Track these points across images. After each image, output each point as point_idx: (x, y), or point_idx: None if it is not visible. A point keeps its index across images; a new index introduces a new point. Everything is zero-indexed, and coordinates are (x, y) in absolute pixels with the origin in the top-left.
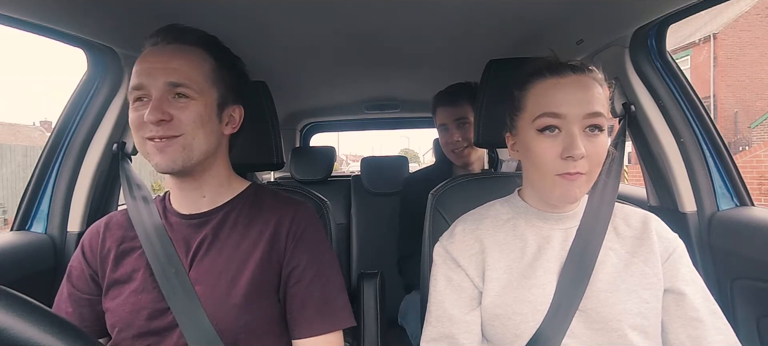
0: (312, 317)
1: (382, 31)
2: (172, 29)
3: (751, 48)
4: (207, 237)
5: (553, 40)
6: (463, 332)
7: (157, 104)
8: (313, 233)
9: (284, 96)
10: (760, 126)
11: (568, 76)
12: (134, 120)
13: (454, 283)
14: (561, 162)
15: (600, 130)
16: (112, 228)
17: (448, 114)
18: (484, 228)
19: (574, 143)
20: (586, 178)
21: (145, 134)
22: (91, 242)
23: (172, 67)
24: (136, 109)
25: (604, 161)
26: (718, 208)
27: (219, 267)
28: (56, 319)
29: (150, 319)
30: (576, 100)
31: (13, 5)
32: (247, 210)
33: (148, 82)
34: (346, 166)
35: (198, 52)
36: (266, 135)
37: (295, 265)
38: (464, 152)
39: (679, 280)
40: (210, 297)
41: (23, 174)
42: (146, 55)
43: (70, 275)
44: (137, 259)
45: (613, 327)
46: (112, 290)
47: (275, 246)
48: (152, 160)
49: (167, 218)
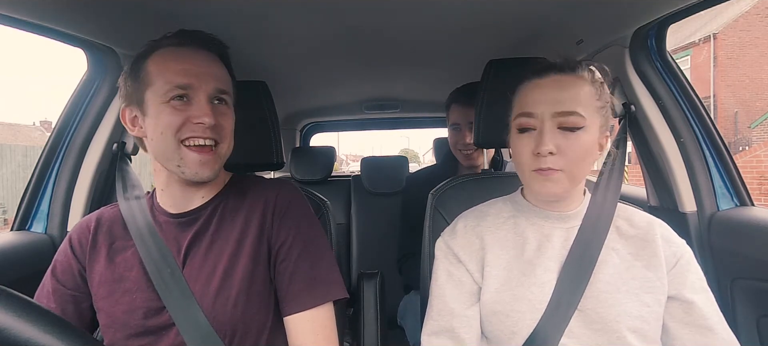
0: (300, 292)
1: (383, 30)
2: (200, 35)
3: (751, 48)
4: (197, 234)
5: (553, 40)
6: (464, 326)
7: (210, 108)
8: (297, 208)
9: (284, 96)
10: (760, 126)
11: (549, 76)
12: (174, 122)
13: (455, 278)
14: (534, 158)
15: (576, 129)
16: (103, 225)
17: (462, 114)
18: (485, 225)
19: (541, 140)
20: (565, 175)
21: (185, 136)
22: (80, 238)
23: (214, 73)
24: (177, 109)
25: (606, 161)
26: (718, 208)
27: (212, 262)
28: (56, 319)
29: (146, 318)
30: (549, 99)
31: (13, 5)
32: (232, 201)
33: (198, 83)
34: (346, 166)
35: (220, 62)
36: (266, 135)
37: (282, 241)
38: (473, 154)
39: (687, 288)
40: (206, 293)
41: (23, 174)
42: (181, 55)
43: (54, 269)
44: (129, 258)
45: (611, 328)
46: (105, 290)
47: (263, 229)
48: (191, 168)
49: (156, 217)
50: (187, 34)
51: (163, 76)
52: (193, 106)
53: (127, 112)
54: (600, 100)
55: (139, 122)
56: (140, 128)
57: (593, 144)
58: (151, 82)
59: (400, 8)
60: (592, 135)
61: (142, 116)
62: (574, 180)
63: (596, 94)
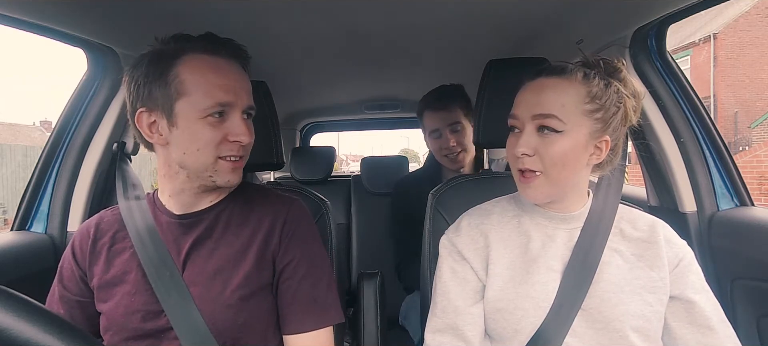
0: (301, 313)
1: (383, 30)
2: (232, 45)
3: (751, 48)
4: (200, 237)
5: (553, 40)
6: (468, 323)
7: (247, 127)
8: (306, 229)
9: (284, 96)
10: (760, 126)
11: (538, 79)
12: (214, 139)
13: (459, 275)
14: (515, 159)
15: (553, 131)
16: (102, 228)
17: (440, 119)
18: (489, 223)
19: (518, 141)
20: (545, 179)
21: (223, 153)
22: (81, 243)
23: (247, 89)
24: (215, 126)
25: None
26: (718, 208)
27: (213, 267)
28: (56, 319)
29: (144, 321)
30: (529, 102)
31: (13, 5)
32: (239, 209)
33: (235, 100)
34: (346, 166)
35: (247, 74)
36: (266, 135)
37: (288, 261)
38: (459, 157)
39: (689, 288)
40: (205, 298)
41: (23, 174)
42: (219, 68)
43: (61, 276)
44: (129, 260)
45: (615, 327)
46: (104, 292)
47: (269, 244)
48: (223, 178)
49: (158, 217)
50: (219, 42)
51: (202, 89)
52: (228, 123)
53: (145, 116)
54: (592, 104)
55: (161, 130)
56: (160, 135)
57: (576, 148)
58: (185, 92)
59: (400, 8)
60: (574, 139)
61: (168, 125)
62: (556, 185)
63: (587, 97)
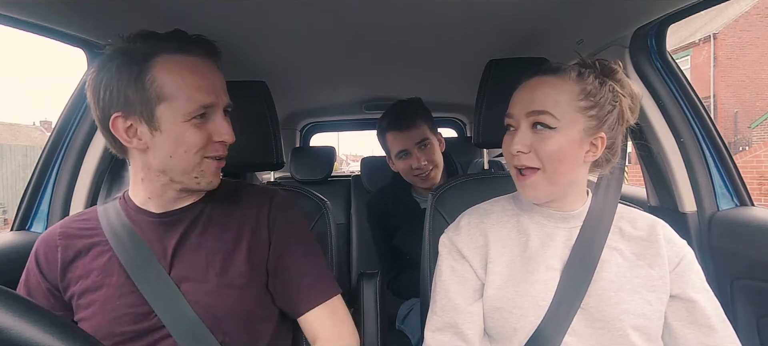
0: (313, 288)
1: (382, 30)
2: (205, 42)
3: (752, 48)
4: (186, 232)
5: (553, 40)
6: (468, 322)
7: (229, 126)
8: (293, 215)
9: (284, 96)
10: (760, 126)
11: (534, 78)
12: (199, 141)
13: (459, 274)
14: (511, 157)
15: (547, 127)
16: (70, 237)
17: (407, 138)
18: (489, 222)
19: (513, 139)
20: (543, 176)
21: (208, 153)
22: (47, 254)
23: (224, 87)
24: (199, 128)
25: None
26: (718, 208)
27: (204, 260)
28: (56, 319)
29: (135, 322)
30: (523, 100)
31: (13, 5)
32: (220, 203)
33: (216, 100)
34: (346, 166)
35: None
36: (266, 135)
37: (284, 247)
38: (431, 175)
39: (689, 287)
40: (200, 291)
41: (23, 174)
42: (196, 68)
43: (28, 288)
44: (107, 264)
45: (615, 326)
46: (82, 300)
47: (258, 235)
48: (207, 178)
49: (134, 218)
50: (191, 40)
51: (185, 94)
52: (210, 123)
53: (120, 122)
54: (586, 101)
55: (141, 135)
56: (139, 140)
57: (571, 144)
58: (166, 96)
59: (400, 8)
60: (569, 136)
61: (149, 130)
62: (554, 182)
63: (581, 94)
